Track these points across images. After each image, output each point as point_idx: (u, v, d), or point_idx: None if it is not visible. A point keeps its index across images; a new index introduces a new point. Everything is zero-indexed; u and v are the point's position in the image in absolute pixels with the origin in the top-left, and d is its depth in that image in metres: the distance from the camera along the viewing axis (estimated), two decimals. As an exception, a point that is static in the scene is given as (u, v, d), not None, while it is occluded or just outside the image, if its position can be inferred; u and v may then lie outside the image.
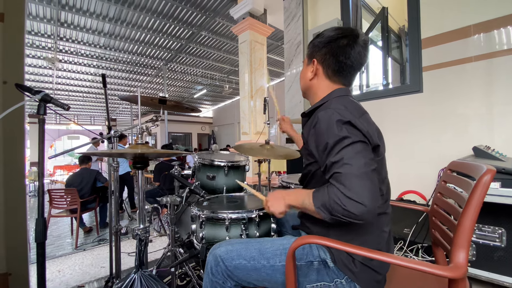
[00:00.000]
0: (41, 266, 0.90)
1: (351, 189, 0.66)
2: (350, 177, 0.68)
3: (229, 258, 0.87)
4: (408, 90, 2.36)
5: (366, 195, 0.65)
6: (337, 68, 0.90)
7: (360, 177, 0.67)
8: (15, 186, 1.55)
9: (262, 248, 0.89)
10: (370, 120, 0.85)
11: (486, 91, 1.97)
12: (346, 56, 0.87)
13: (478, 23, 1.99)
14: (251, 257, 0.87)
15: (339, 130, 0.74)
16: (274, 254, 0.86)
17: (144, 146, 1.11)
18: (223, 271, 0.87)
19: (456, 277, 0.61)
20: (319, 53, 0.92)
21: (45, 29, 5.08)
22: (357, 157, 0.70)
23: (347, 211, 0.66)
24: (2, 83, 1.52)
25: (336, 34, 0.88)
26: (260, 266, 0.86)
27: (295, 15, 3.24)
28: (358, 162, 0.69)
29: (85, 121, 14.48)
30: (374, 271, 0.80)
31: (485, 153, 1.70)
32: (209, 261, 0.90)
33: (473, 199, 0.67)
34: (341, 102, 0.83)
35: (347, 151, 0.71)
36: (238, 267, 0.86)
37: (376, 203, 0.67)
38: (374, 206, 0.66)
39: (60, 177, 9.71)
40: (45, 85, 8.38)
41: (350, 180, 0.67)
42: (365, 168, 0.69)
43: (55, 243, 3.38)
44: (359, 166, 0.69)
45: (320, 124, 0.78)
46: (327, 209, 0.70)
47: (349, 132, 0.73)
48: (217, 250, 0.90)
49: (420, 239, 1.89)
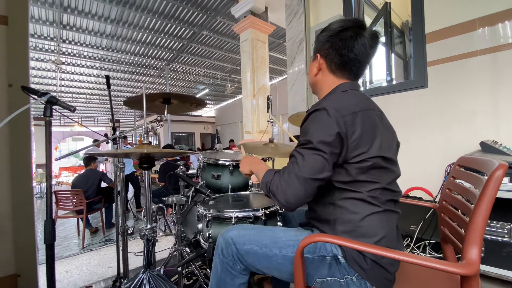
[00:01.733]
0: (51, 268, 0.91)
1: (287, 183, 0.78)
2: (291, 173, 0.78)
3: (241, 242, 0.88)
4: (413, 85, 2.33)
5: (293, 195, 0.77)
6: (341, 62, 0.88)
7: (298, 178, 0.77)
8: (23, 188, 1.57)
9: (275, 237, 0.89)
10: (369, 118, 0.81)
11: (492, 85, 1.95)
12: (349, 49, 0.85)
13: (483, 16, 1.97)
14: (263, 244, 0.87)
15: (314, 129, 0.79)
16: (286, 244, 0.86)
17: (149, 146, 1.11)
18: (233, 253, 0.88)
19: (469, 274, 0.60)
20: (323, 48, 0.90)
21: (48, 31, 5.11)
22: (310, 161, 0.77)
23: (275, 197, 0.81)
24: (8, 86, 1.53)
25: (339, 27, 0.86)
26: (271, 254, 0.85)
27: (297, 12, 3.21)
28: (307, 166, 0.77)
29: (89, 123, 14.58)
30: (385, 269, 0.79)
31: (492, 148, 1.68)
32: (220, 243, 0.92)
33: (486, 194, 0.66)
34: (338, 98, 0.84)
35: (305, 151, 0.78)
36: (250, 252, 0.87)
37: (297, 205, 0.79)
38: (295, 205, 0.79)
39: (66, 179, 9.79)
40: (49, 87, 8.45)
41: (290, 175, 0.78)
42: (309, 173, 0.76)
43: (62, 243, 3.41)
44: (305, 169, 0.77)
45: (306, 118, 0.84)
46: (266, 187, 0.85)
47: (319, 131, 0.77)
48: (229, 233, 0.91)
49: (427, 235, 1.87)
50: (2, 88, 1.51)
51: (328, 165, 0.77)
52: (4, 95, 1.52)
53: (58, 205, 3.35)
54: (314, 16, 3.21)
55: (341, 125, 0.75)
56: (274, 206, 1.27)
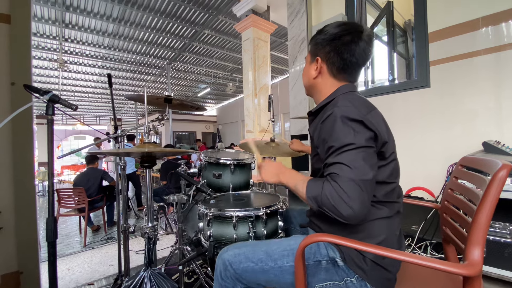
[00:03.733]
0: (53, 265, 0.91)
1: (346, 192, 0.68)
2: (346, 180, 0.69)
3: (236, 262, 0.87)
4: (415, 85, 2.32)
5: (357, 201, 0.68)
6: (342, 66, 0.88)
7: (355, 182, 0.69)
8: (25, 186, 1.57)
9: (269, 250, 0.88)
10: (379, 116, 0.83)
11: (495, 85, 1.93)
12: (351, 53, 0.86)
13: (487, 15, 1.95)
14: (258, 259, 0.86)
15: (348, 131, 0.74)
16: (281, 255, 0.86)
17: (151, 145, 1.11)
18: (231, 275, 0.87)
19: (471, 275, 0.60)
20: (323, 51, 0.90)
21: (50, 30, 5.12)
22: (358, 161, 0.71)
23: (336, 209, 0.69)
24: (10, 84, 1.53)
25: (340, 31, 0.87)
26: (268, 268, 0.85)
27: (299, 11, 3.20)
28: (358, 167, 0.70)
29: (90, 121, 14.62)
30: (385, 269, 0.79)
31: (495, 148, 1.67)
32: (218, 266, 0.90)
33: (489, 195, 0.65)
34: (349, 99, 0.82)
35: (349, 154, 0.72)
36: (247, 270, 0.86)
37: (364, 210, 0.69)
38: (362, 213, 0.69)
39: (68, 177, 9.83)
40: (51, 86, 8.47)
41: (346, 183, 0.69)
42: (363, 175, 0.70)
43: (64, 241, 3.43)
44: (358, 171, 0.70)
45: (328, 123, 0.78)
46: (317, 201, 0.74)
47: (355, 133, 0.73)
48: (225, 255, 0.90)
49: (428, 236, 1.87)
50: (4, 86, 1.52)
51: (376, 160, 0.76)
52: (7, 94, 1.53)
53: (60, 203, 3.37)
54: (316, 15, 3.19)
55: (368, 123, 0.75)
56: (275, 205, 1.27)
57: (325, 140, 0.79)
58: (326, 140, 0.78)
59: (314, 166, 0.96)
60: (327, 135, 0.78)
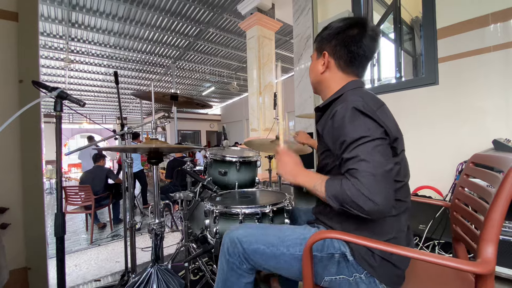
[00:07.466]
0: (61, 261, 0.91)
1: (365, 186, 0.66)
2: (365, 174, 0.67)
3: (247, 242, 0.87)
4: (424, 82, 2.29)
5: (379, 194, 0.66)
6: (349, 59, 0.88)
7: (375, 175, 0.67)
8: (33, 183, 1.59)
9: (282, 235, 0.88)
10: (388, 112, 0.83)
11: (504, 82, 1.90)
12: (358, 45, 0.85)
13: (497, 11, 1.91)
14: (270, 243, 0.86)
15: (359, 125, 0.72)
16: (294, 243, 0.85)
17: (158, 141, 1.11)
18: (240, 253, 0.87)
19: (485, 273, 0.58)
20: (329, 45, 0.90)
21: (57, 30, 5.17)
22: (375, 154, 0.69)
23: (358, 206, 0.67)
24: (18, 82, 1.55)
25: (345, 25, 0.87)
26: (279, 253, 0.85)
27: (304, 8, 3.18)
28: (375, 160, 0.68)
29: (97, 120, 14.77)
30: (394, 265, 0.78)
31: (505, 146, 1.64)
32: (225, 242, 0.91)
33: (503, 192, 0.64)
34: (359, 94, 0.81)
35: (365, 147, 0.70)
36: (257, 252, 0.86)
37: (388, 203, 0.67)
38: (385, 206, 0.66)
39: (74, 175, 9.94)
40: (57, 85, 8.51)
41: (365, 177, 0.67)
42: (382, 167, 0.68)
43: (71, 238, 3.47)
44: (376, 164, 0.68)
45: (339, 117, 0.77)
46: (338, 200, 0.72)
47: (368, 127, 0.72)
48: (234, 232, 0.91)
49: (437, 235, 1.84)
50: (13, 84, 1.54)
51: (391, 153, 0.75)
52: (15, 91, 1.54)
53: (67, 201, 3.41)
54: (322, 12, 3.17)
55: (377, 119, 0.73)
56: (281, 202, 1.26)
57: (337, 136, 0.77)
58: (339, 135, 0.76)
59: (322, 162, 0.94)
60: (339, 130, 0.76)
